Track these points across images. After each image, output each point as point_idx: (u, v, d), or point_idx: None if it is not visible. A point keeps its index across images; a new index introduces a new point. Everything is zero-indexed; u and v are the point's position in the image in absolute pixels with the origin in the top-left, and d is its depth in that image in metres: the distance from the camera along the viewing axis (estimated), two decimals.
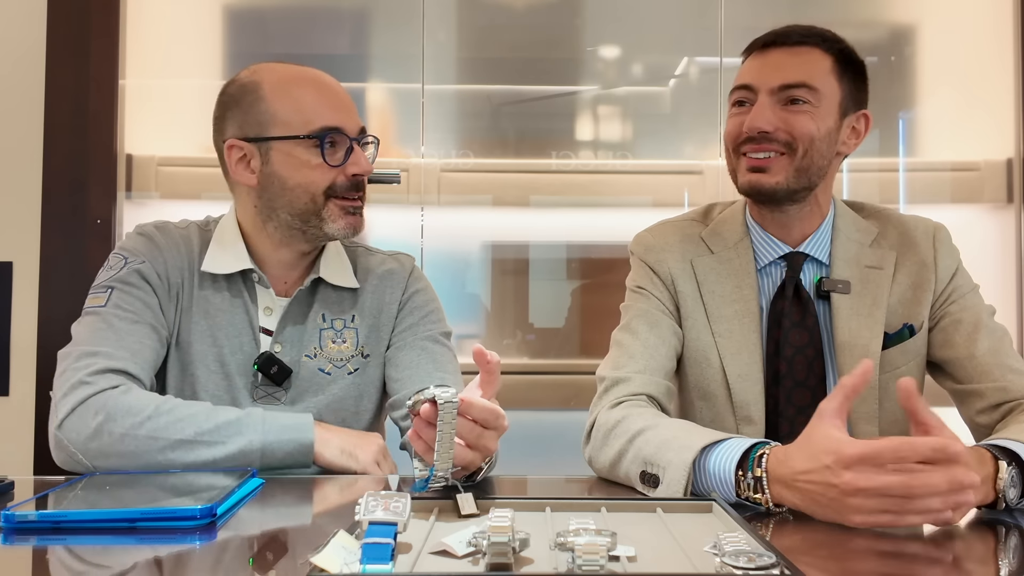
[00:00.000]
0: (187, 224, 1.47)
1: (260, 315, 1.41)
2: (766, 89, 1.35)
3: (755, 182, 1.36)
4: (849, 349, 1.37)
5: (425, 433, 1.00)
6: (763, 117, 1.34)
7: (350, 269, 1.48)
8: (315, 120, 1.35)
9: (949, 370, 1.40)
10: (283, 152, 1.36)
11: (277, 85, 1.37)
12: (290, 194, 1.37)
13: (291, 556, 0.85)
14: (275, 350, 1.39)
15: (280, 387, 1.39)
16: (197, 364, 1.37)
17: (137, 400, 1.23)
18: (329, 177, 1.36)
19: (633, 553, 0.80)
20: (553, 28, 2.47)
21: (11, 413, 2.19)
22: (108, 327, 1.31)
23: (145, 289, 1.37)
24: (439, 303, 1.53)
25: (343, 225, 1.38)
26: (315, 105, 1.36)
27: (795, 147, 1.34)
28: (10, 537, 0.90)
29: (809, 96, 1.34)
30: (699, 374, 1.42)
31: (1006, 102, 2.44)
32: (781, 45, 1.37)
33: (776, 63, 1.36)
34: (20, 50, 2.22)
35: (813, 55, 1.36)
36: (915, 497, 0.90)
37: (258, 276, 1.41)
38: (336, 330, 1.43)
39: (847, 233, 1.44)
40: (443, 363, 1.44)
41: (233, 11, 2.43)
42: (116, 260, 1.40)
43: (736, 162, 1.40)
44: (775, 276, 1.43)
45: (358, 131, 1.39)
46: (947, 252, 1.43)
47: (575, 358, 2.44)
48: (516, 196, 2.44)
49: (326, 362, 1.42)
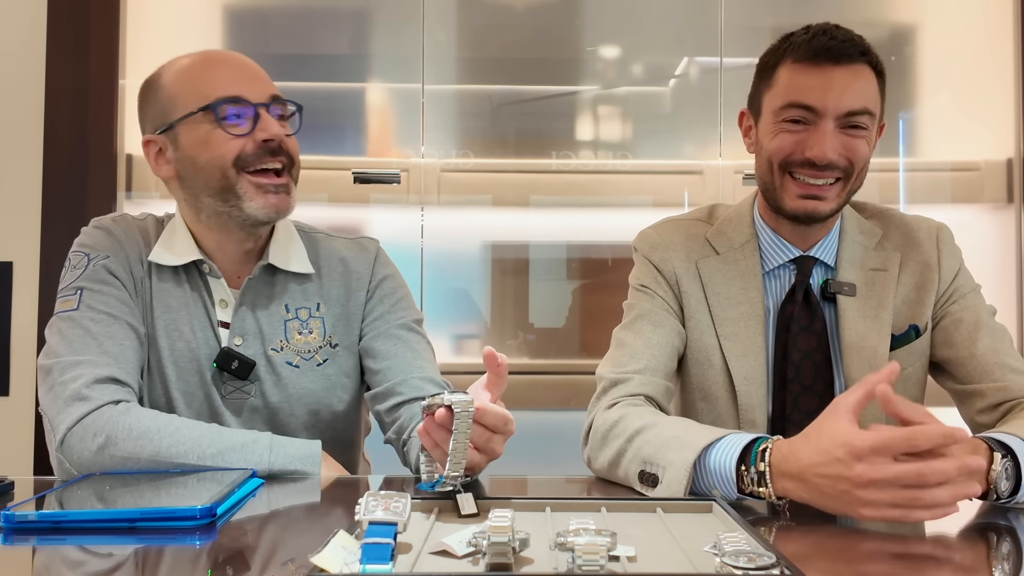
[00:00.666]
0: (145, 216, 1.44)
1: (216, 308, 1.37)
2: (832, 115, 1.30)
3: (811, 210, 1.34)
4: (857, 351, 1.36)
5: (437, 434, 1.00)
6: (832, 147, 1.30)
7: (303, 254, 1.42)
8: (211, 92, 1.30)
9: (950, 370, 1.40)
10: (188, 132, 1.31)
11: (175, 72, 1.34)
12: (203, 174, 1.32)
13: (291, 556, 0.85)
14: (235, 344, 1.36)
15: (247, 380, 1.36)
16: (166, 361, 1.34)
17: (138, 421, 1.20)
18: (235, 147, 1.30)
19: (633, 553, 0.79)
20: (553, 28, 2.47)
21: (11, 413, 2.19)
22: (86, 332, 1.27)
23: (115, 284, 1.33)
24: (408, 288, 1.50)
25: (261, 204, 1.31)
26: (210, 78, 1.31)
27: (851, 173, 1.33)
28: (10, 537, 0.90)
29: (868, 122, 1.32)
30: (701, 375, 1.42)
31: (1006, 102, 2.44)
32: (844, 64, 1.31)
33: (841, 86, 1.30)
34: (20, 50, 2.22)
35: (867, 75, 1.32)
36: (927, 486, 0.90)
37: (208, 267, 1.37)
38: (302, 320, 1.40)
39: (852, 236, 1.43)
40: (420, 351, 1.42)
41: (233, 11, 2.43)
42: (78, 258, 1.35)
43: (781, 180, 1.35)
44: (783, 279, 1.42)
45: (267, 98, 1.32)
46: (950, 252, 1.43)
47: (575, 358, 2.44)
48: (516, 196, 2.44)
49: (294, 355, 1.38)
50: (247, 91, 1.31)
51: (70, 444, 1.19)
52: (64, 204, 2.20)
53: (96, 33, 2.23)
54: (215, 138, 1.30)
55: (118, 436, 1.19)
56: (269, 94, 1.33)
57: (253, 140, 1.30)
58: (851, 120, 1.31)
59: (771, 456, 1.02)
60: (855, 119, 1.31)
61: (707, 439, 1.09)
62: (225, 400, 1.35)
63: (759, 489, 1.03)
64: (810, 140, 1.31)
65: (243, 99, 1.30)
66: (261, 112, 1.31)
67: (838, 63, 1.30)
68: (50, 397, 1.23)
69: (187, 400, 1.34)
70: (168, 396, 1.34)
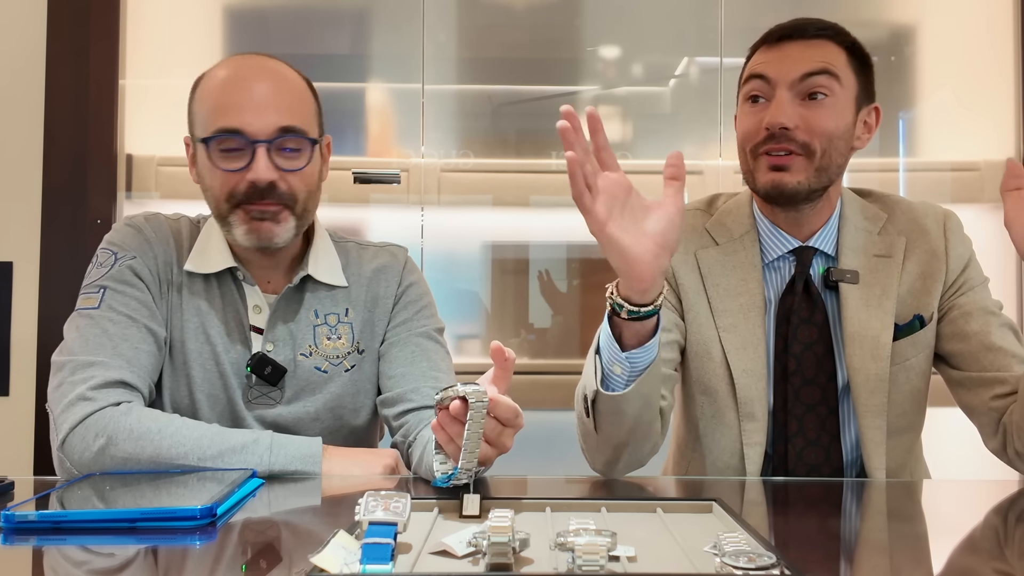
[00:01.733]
0: (179, 217, 1.43)
1: (250, 313, 1.37)
2: (786, 82, 1.32)
3: (777, 181, 1.33)
4: (859, 340, 1.35)
5: (451, 428, 1.00)
6: (784, 112, 1.30)
7: (339, 266, 1.43)
8: (214, 122, 1.28)
9: (957, 361, 1.38)
10: (200, 153, 1.32)
11: (205, 84, 1.33)
12: (207, 195, 1.33)
13: (291, 556, 0.85)
14: (267, 349, 1.36)
15: (275, 387, 1.36)
16: (192, 364, 1.34)
17: (139, 421, 1.20)
18: (228, 183, 1.28)
19: (633, 553, 0.80)
20: (553, 28, 2.47)
21: (11, 413, 2.19)
22: (103, 332, 1.27)
23: (139, 287, 1.33)
24: (432, 297, 1.50)
25: (244, 231, 1.30)
26: (220, 104, 1.28)
27: (813, 148, 1.32)
28: (10, 537, 0.90)
29: (830, 84, 1.31)
30: (700, 368, 1.41)
31: (1006, 102, 2.44)
32: (797, 39, 1.34)
33: (795, 55, 1.32)
34: (20, 50, 2.22)
35: (829, 47, 1.33)
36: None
37: (243, 274, 1.37)
38: (331, 326, 1.40)
39: (855, 222, 1.41)
40: (437, 362, 1.42)
41: (233, 11, 2.43)
42: (105, 256, 1.35)
43: (754, 163, 1.36)
44: (783, 270, 1.41)
45: (271, 132, 1.27)
46: (959, 241, 1.41)
47: (575, 358, 2.44)
48: (516, 196, 2.44)
49: (322, 360, 1.38)
50: (250, 123, 1.27)
51: (71, 444, 1.20)
52: (64, 204, 2.20)
53: (96, 33, 2.23)
54: (213, 171, 1.30)
55: (119, 436, 1.19)
56: (276, 127, 1.28)
57: (244, 179, 1.28)
58: (810, 84, 1.31)
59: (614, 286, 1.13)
60: (813, 81, 1.31)
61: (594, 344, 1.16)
62: (249, 404, 1.35)
63: (619, 300, 1.11)
64: (767, 111, 1.33)
65: (243, 133, 1.27)
66: (258, 150, 1.27)
67: (792, 38, 1.34)
68: (58, 395, 1.24)
69: (211, 403, 1.34)
70: (192, 398, 1.34)
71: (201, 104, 1.32)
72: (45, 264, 2.19)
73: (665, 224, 1.10)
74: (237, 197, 1.29)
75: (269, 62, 1.35)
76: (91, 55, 2.22)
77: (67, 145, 2.21)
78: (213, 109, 1.29)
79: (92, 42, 2.22)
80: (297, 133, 1.30)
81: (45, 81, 2.21)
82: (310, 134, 1.32)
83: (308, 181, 1.33)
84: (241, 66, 1.33)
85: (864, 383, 1.35)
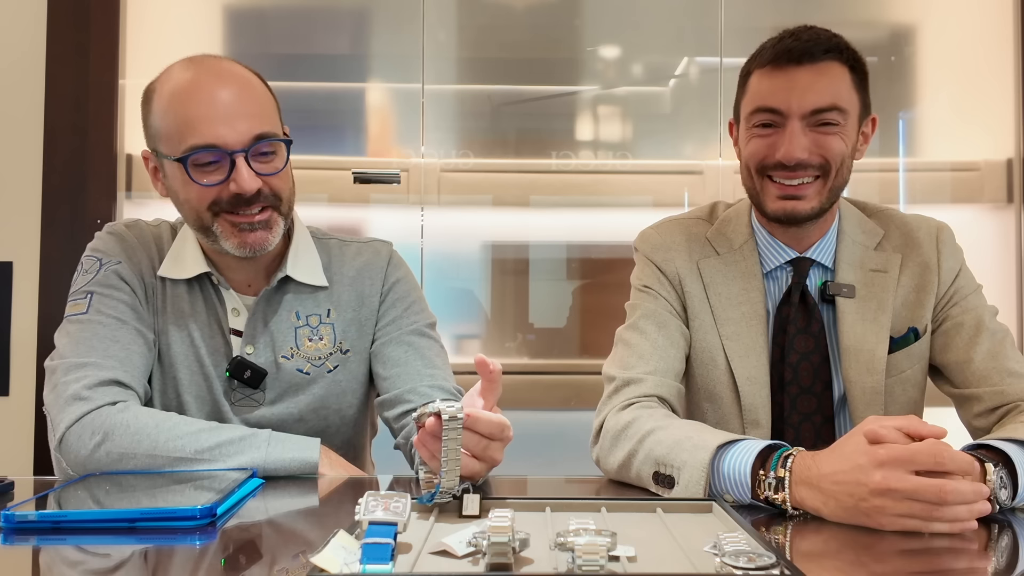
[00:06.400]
0: (159, 223, 1.43)
1: (229, 316, 1.37)
2: (797, 115, 1.31)
3: (790, 210, 1.33)
4: (855, 354, 1.36)
5: (431, 445, 0.99)
6: (800, 146, 1.30)
7: (319, 266, 1.41)
8: (186, 139, 1.24)
9: (947, 374, 1.39)
10: (169, 168, 1.29)
11: (163, 97, 1.27)
12: (183, 209, 1.31)
13: (291, 556, 0.85)
14: (247, 352, 1.36)
15: (257, 389, 1.36)
16: (179, 366, 1.35)
17: (136, 418, 1.21)
18: (209, 196, 1.27)
19: (633, 553, 0.80)
20: (553, 28, 2.47)
21: (11, 413, 2.19)
22: (93, 335, 1.28)
23: (125, 290, 1.33)
24: (420, 291, 1.49)
25: (236, 244, 1.29)
26: (188, 121, 1.24)
27: (828, 170, 1.32)
28: (10, 537, 0.90)
29: (839, 118, 1.31)
30: (705, 375, 1.41)
31: (1006, 102, 2.44)
32: (806, 63, 1.31)
33: (804, 85, 1.30)
34: (20, 50, 2.22)
35: (836, 71, 1.32)
36: (946, 504, 0.91)
37: (217, 278, 1.36)
38: (312, 327, 1.39)
39: (852, 236, 1.42)
40: (431, 358, 1.41)
41: (233, 11, 2.43)
42: (90, 263, 1.35)
43: (761, 184, 1.36)
44: (781, 280, 1.42)
45: (247, 141, 1.25)
46: (950, 253, 1.42)
47: (575, 358, 2.44)
48: (516, 196, 2.44)
49: (304, 362, 1.38)
50: (224, 136, 1.24)
51: (68, 443, 1.20)
52: (64, 204, 2.20)
53: (96, 33, 2.23)
54: (188, 185, 1.27)
55: (115, 432, 1.19)
56: (252, 135, 1.26)
57: (227, 190, 1.26)
58: (820, 118, 1.31)
59: (793, 463, 1.01)
60: (823, 116, 1.31)
61: (720, 439, 1.08)
62: (234, 407, 1.36)
63: (775, 496, 1.01)
64: (779, 142, 1.32)
65: (218, 147, 1.24)
66: (237, 161, 1.25)
67: (800, 63, 1.31)
68: (52, 396, 1.24)
69: (199, 404, 1.35)
70: (180, 400, 1.35)
71: (164, 118, 1.27)
72: (45, 264, 2.19)
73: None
74: (221, 205, 1.28)
75: (223, 64, 1.31)
76: (91, 55, 2.22)
77: (67, 145, 2.21)
78: (181, 125, 1.25)
79: (92, 42, 2.22)
80: (271, 137, 1.28)
81: (45, 81, 2.21)
82: (280, 134, 1.32)
83: (287, 179, 1.34)
84: (198, 73, 1.28)
85: (860, 396, 1.36)
